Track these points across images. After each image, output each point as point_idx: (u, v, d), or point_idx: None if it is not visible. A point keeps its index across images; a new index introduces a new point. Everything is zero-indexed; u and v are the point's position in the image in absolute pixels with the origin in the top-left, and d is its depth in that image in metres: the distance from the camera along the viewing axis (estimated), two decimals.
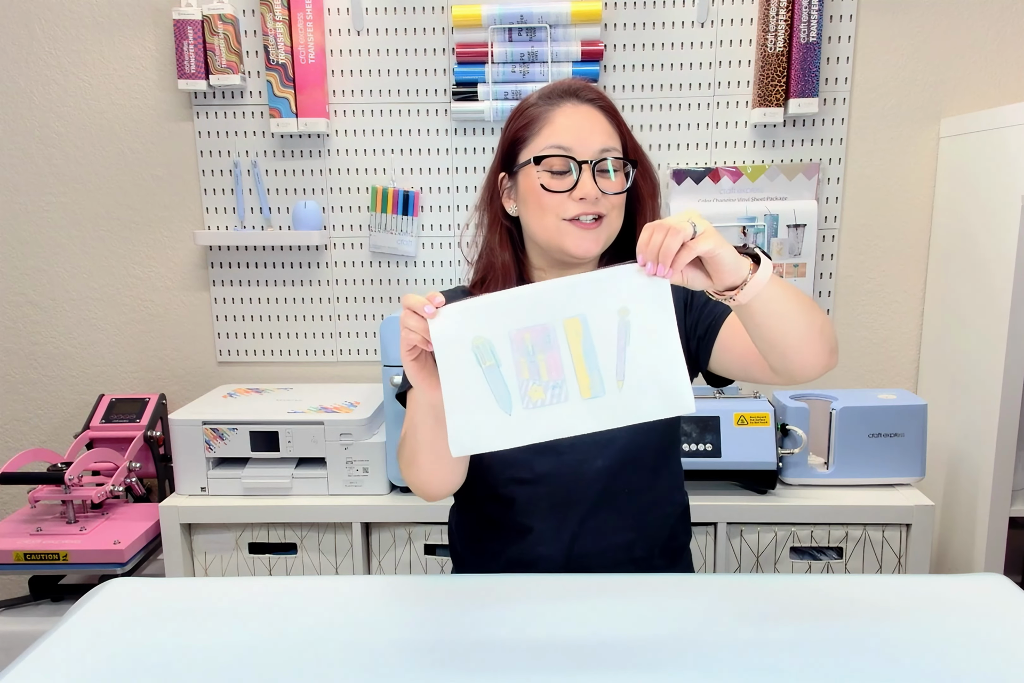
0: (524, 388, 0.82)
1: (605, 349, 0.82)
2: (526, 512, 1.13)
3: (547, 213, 1.06)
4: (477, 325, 0.82)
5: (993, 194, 1.70)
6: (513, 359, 0.82)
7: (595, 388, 0.82)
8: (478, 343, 0.82)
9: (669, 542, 1.19)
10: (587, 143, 1.05)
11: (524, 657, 0.86)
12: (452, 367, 0.83)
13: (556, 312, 0.82)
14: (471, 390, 0.83)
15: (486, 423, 0.83)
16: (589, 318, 0.81)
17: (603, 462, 1.11)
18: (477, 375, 0.83)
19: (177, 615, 0.96)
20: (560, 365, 0.82)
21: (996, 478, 1.70)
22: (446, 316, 0.83)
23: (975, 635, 0.89)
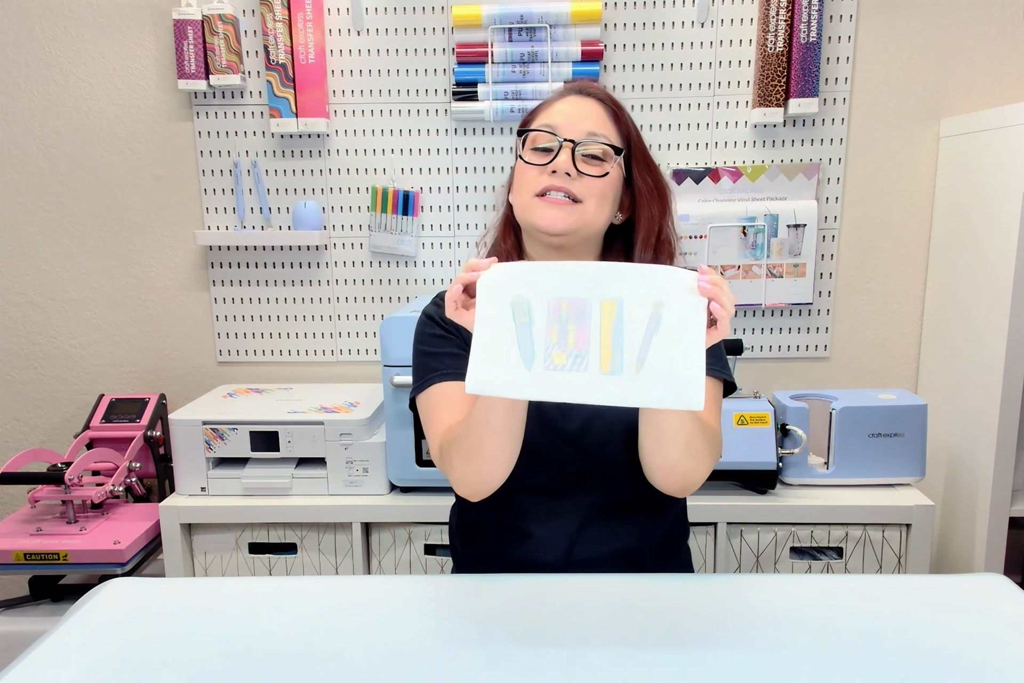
0: (549, 350, 0.87)
1: (633, 333, 0.86)
2: (525, 518, 1.13)
3: (523, 189, 1.07)
4: (522, 284, 0.87)
5: (993, 194, 1.70)
6: (546, 322, 0.87)
7: (614, 365, 0.86)
8: (518, 300, 0.87)
9: (666, 543, 1.19)
10: (575, 125, 1.06)
11: (524, 657, 0.86)
12: (489, 313, 0.88)
13: (597, 291, 0.86)
14: (500, 338, 0.87)
15: (506, 370, 0.87)
16: (626, 302, 0.86)
17: (601, 473, 1.11)
18: (509, 327, 0.87)
19: (177, 615, 0.96)
20: (588, 338, 0.86)
21: (996, 478, 1.70)
22: (497, 269, 0.88)
23: (975, 635, 0.89)
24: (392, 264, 2.04)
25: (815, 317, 2.02)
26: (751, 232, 1.93)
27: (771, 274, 1.96)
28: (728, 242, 1.94)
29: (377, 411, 1.76)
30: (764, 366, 2.05)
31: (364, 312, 2.07)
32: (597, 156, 1.06)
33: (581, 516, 1.12)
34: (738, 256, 1.95)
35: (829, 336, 2.03)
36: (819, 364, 2.06)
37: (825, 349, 2.04)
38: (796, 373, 2.06)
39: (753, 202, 1.94)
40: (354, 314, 2.07)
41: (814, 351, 2.04)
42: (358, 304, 2.07)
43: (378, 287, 2.05)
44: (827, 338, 2.03)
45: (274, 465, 1.72)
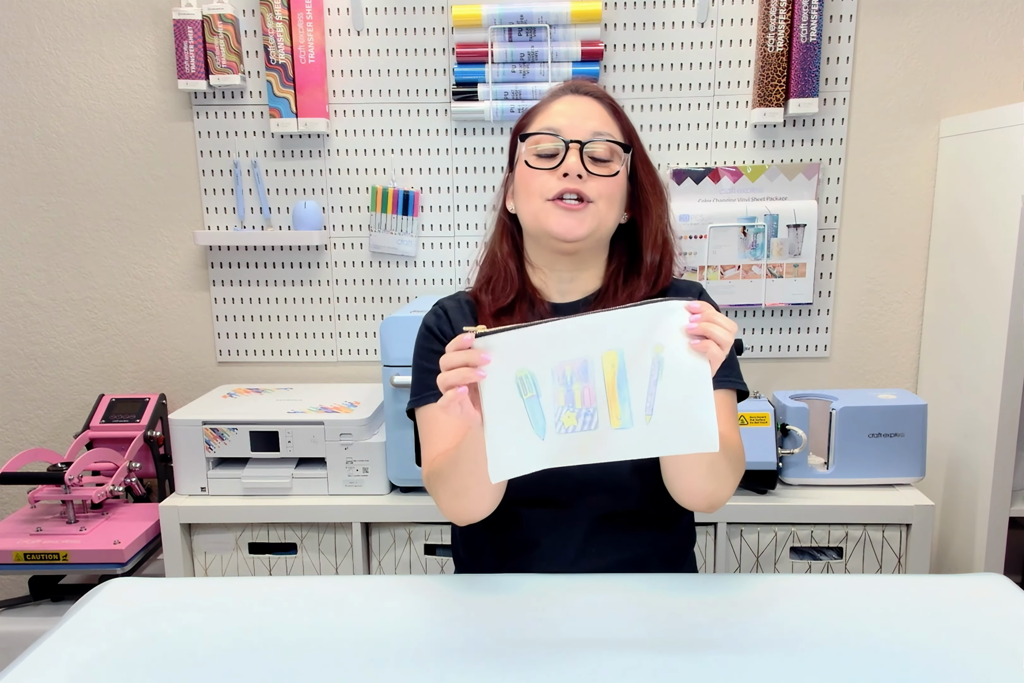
0: (559, 414, 0.85)
1: (637, 383, 0.84)
2: (531, 529, 1.12)
3: (532, 195, 1.04)
4: (523, 358, 0.85)
5: (993, 194, 1.70)
6: (552, 388, 0.85)
7: (624, 419, 0.85)
8: (521, 375, 0.85)
9: (673, 553, 1.18)
10: (579, 126, 1.04)
11: (524, 657, 0.86)
12: (495, 398, 0.85)
13: (596, 345, 0.84)
14: (511, 419, 0.85)
15: (522, 448, 0.86)
16: (626, 352, 0.84)
17: (609, 484, 1.09)
18: (518, 405, 0.85)
19: (177, 615, 0.96)
20: (594, 394, 0.85)
21: (996, 478, 1.70)
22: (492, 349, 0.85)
23: (975, 635, 0.89)
24: (392, 264, 2.04)
25: (815, 317, 2.02)
26: (751, 232, 1.93)
27: (771, 274, 1.96)
28: (728, 242, 1.94)
29: (377, 411, 1.76)
30: (764, 366, 2.05)
31: (364, 312, 2.07)
32: (604, 157, 1.04)
33: (587, 527, 1.11)
34: (738, 256, 1.95)
35: (829, 336, 2.03)
36: (819, 364, 2.06)
37: (825, 349, 2.04)
38: (796, 373, 2.06)
39: (753, 202, 1.94)
40: (354, 314, 2.07)
41: (814, 351, 2.04)
42: (358, 304, 2.07)
43: (378, 287, 2.05)
44: (827, 338, 2.03)
45: (274, 465, 1.72)
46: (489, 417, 0.85)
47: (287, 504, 1.68)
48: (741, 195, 1.95)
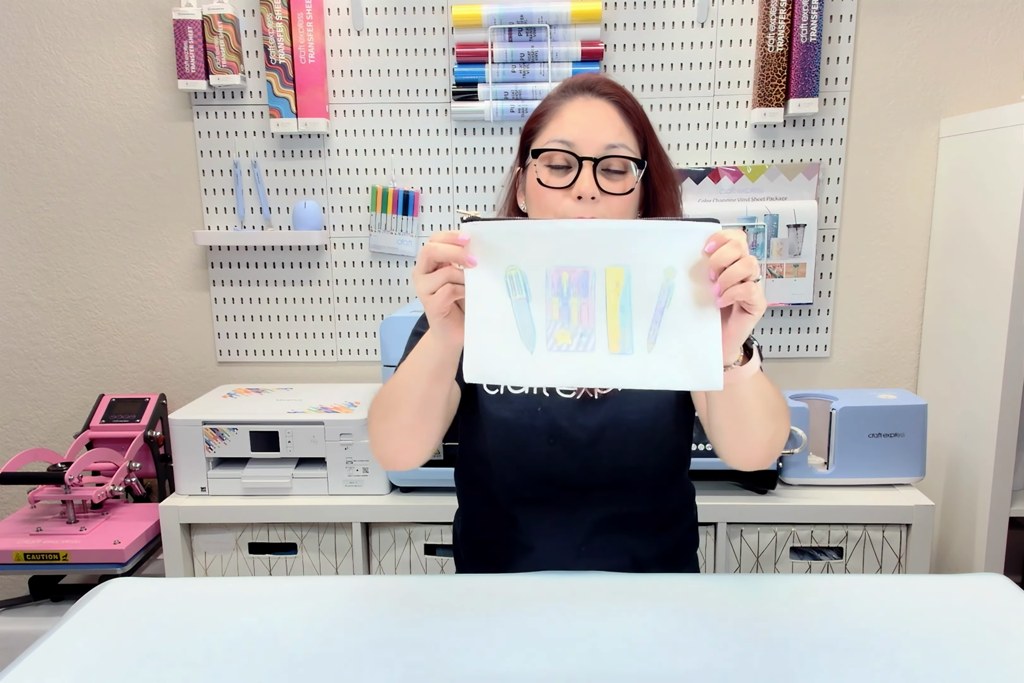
0: (551, 329, 0.79)
1: (642, 307, 0.78)
2: (529, 531, 1.11)
3: (545, 212, 1.01)
4: (515, 253, 0.77)
5: (993, 194, 1.70)
6: (545, 297, 0.78)
7: (624, 345, 0.78)
8: (512, 273, 0.78)
9: (674, 554, 1.18)
10: (592, 139, 0.99)
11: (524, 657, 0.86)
12: (480, 291, 0.78)
13: (601, 257, 0.77)
14: (496, 319, 0.79)
15: (505, 355, 0.79)
16: (633, 271, 0.77)
17: (610, 487, 1.09)
18: (505, 305, 0.78)
19: (177, 615, 0.96)
20: (592, 313, 0.78)
21: (996, 478, 1.70)
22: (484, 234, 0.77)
23: (975, 635, 0.89)
24: (392, 264, 2.04)
25: (815, 317, 2.03)
26: (751, 232, 1.93)
27: (771, 274, 1.96)
28: None
29: None
30: (764, 366, 2.04)
31: (364, 312, 2.07)
32: (618, 169, 1.00)
33: (587, 529, 1.10)
34: None
35: (829, 336, 2.03)
36: (819, 364, 2.06)
37: (825, 349, 2.04)
38: (796, 373, 2.06)
39: (753, 202, 1.94)
40: (354, 314, 2.07)
41: (814, 351, 2.04)
42: (358, 304, 2.07)
43: (378, 287, 2.05)
44: (827, 338, 2.03)
45: (274, 465, 1.72)
46: (471, 312, 0.79)
47: (287, 504, 1.68)
48: (741, 195, 1.95)
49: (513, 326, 0.79)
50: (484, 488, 1.14)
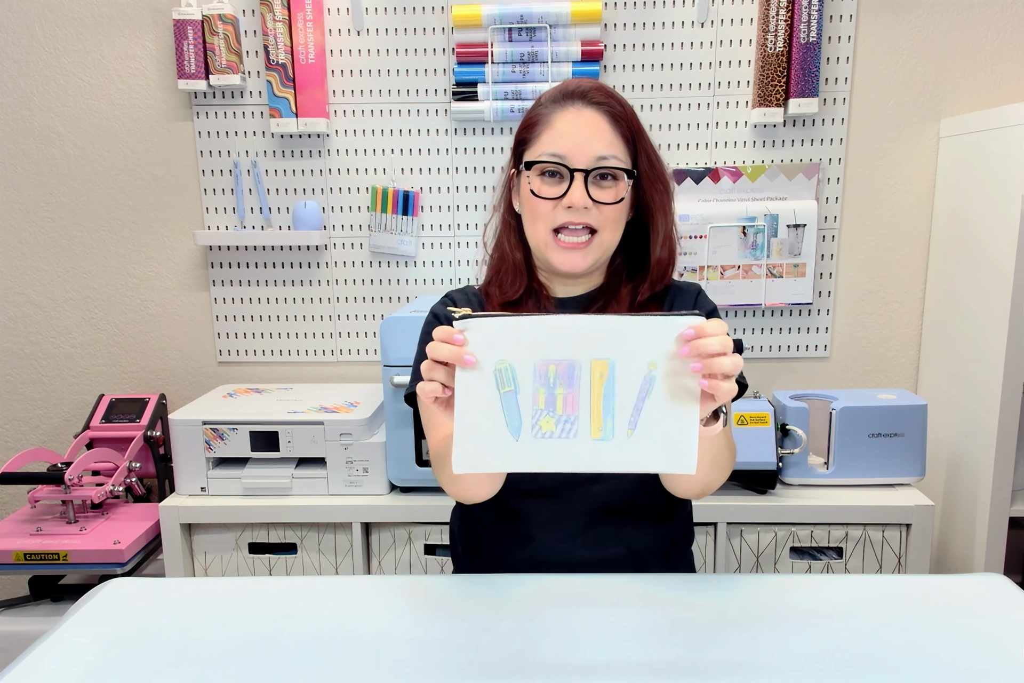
0: (537, 417, 0.82)
1: (624, 396, 0.81)
2: (527, 522, 1.13)
3: (538, 220, 1.05)
4: (505, 348, 0.81)
5: (993, 194, 1.70)
6: (532, 387, 0.82)
7: (605, 431, 0.82)
8: (501, 367, 0.81)
9: (671, 549, 1.19)
10: (583, 151, 1.02)
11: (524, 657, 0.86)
12: (469, 386, 0.82)
13: (587, 350, 0.81)
14: (484, 411, 0.82)
15: (492, 445, 0.83)
16: (618, 363, 0.81)
17: (608, 479, 1.10)
18: (493, 398, 0.82)
19: (177, 615, 0.96)
20: (577, 402, 0.82)
21: (996, 478, 1.70)
22: (475, 331, 0.81)
23: (975, 635, 0.89)
24: (392, 264, 2.04)
25: (815, 317, 2.02)
26: (751, 232, 1.93)
27: (771, 274, 1.96)
28: (728, 242, 1.94)
29: (377, 411, 1.76)
30: (764, 366, 2.05)
31: (364, 312, 2.07)
32: (610, 178, 1.04)
33: (583, 519, 1.12)
34: (738, 256, 1.95)
35: (829, 336, 2.03)
36: (819, 364, 2.06)
37: (825, 349, 2.04)
38: (796, 373, 2.06)
39: (753, 202, 1.94)
40: (354, 314, 2.07)
41: (814, 351, 2.04)
42: (358, 304, 2.07)
43: (378, 287, 2.05)
44: (827, 338, 2.03)
45: (274, 465, 1.72)
46: (460, 406, 0.82)
47: (287, 504, 1.68)
48: (741, 195, 1.95)
49: (500, 417, 0.82)
50: None
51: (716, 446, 0.96)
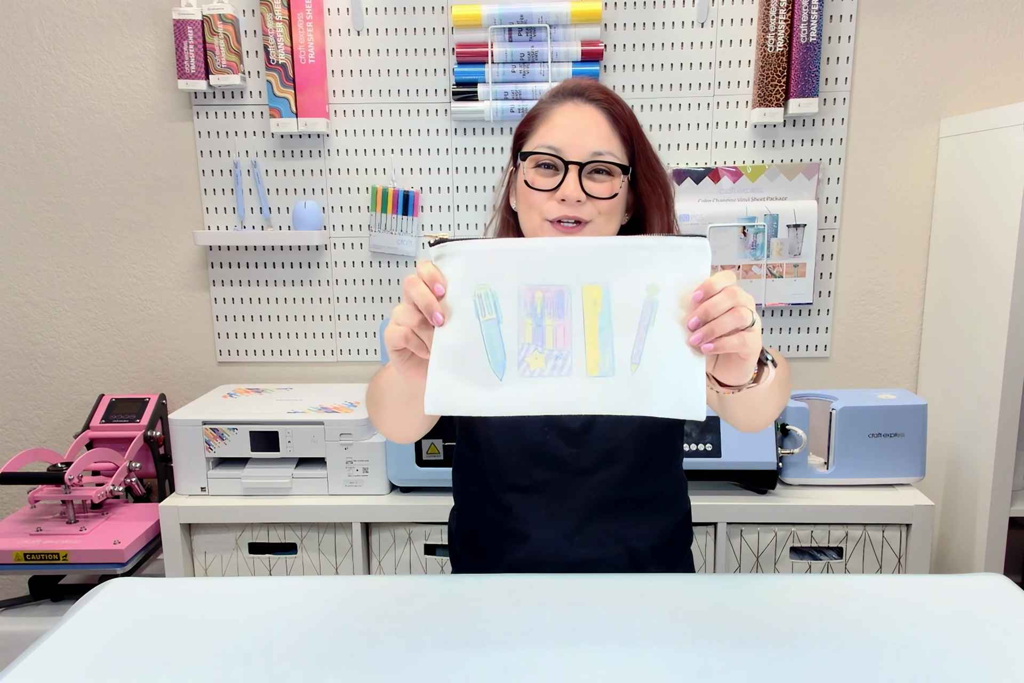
0: (524, 353, 0.73)
1: (624, 326, 0.72)
2: (524, 519, 1.13)
3: (532, 211, 1.05)
4: (485, 272, 0.72)
5: (993, 194, 1.70)
6: (517, 317, 0.72)
7: (604, 367, 0.72)
8: (481, 292, 0.72)
9: (669, 548, 1.19)
10: (579, 144, 1.02)
11: (524, 657, 0.86)
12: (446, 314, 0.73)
13: (577, 275, 0.72)
14: (462, 344, 0.73)
15: (471, 384, 0.73)
16: (612, 288, 0.72)
17: (604, 473, 1.10)
18: (473, 328, 0.72)
19: (177, 615, 0.96)
20: (569, 335, 0.72)
21: (996, 478, 1.70)
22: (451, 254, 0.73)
23: (975, 635, 0.89)
24: (392, 264, 2.04)
25: (815, 317, 2.03)
26: (751, 232, 1.93)
27: (771, 274, 1.96)
28: (728, 242, 1.94)
29: None
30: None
31: (364, 312, 2.07)
32: (604, 170, 1.03)
33: (580, 516, 1.12)
34: (738, 256, 1.95)
35: (829, 336, 2.03)
36: (819, 364, 2.06)
37: (825, 349, 2.04)
38: (796, 373, 2.03)
39: (753, 202, 1.94)
40: (354, 314, 2.07)
41: (814, 351, 2.04)
42: (358, 304, 2.07)
43: (378, 287, 2.05)
44: (827, 338, 2.03)
45: (274, 465, 1.72)
46: (437, 339, 0.73)
47: (287, 504, 1.68)
48: (741, 195, 1.95)
49: (482, 350, 0.73)
50: (480, 477, 1.16)
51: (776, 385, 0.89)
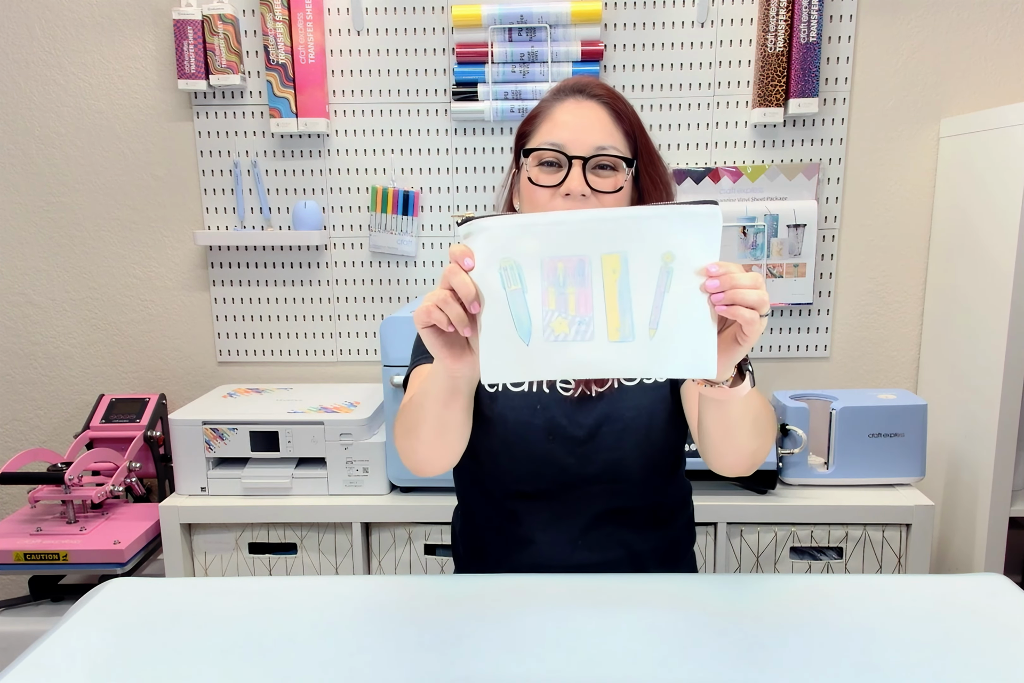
0: (548, 318, 0.77)
1: (642, 292, 0.76)
2: (528, 524, 1.12)
3: (536, 210, 1.03)
4: (509, 246, 0.76)
5: (993, 194, 1.70)
6: (541, 287, 0.77)
7: (624, 332, 0.77)
8: (506, 265, 0.76)
9: (671, 551, 1.19)
10: (582, 140, 1.01)
11: (524, 657, 0.86)
12: (480, 290, 0.78)
13: (595, 245, 0.76)
14: (494, 314, 0.77)
15: (508, 350, 0.78)
16: (630, 256, 0.75)
17: (608, 480, 1.10)
18: (500, 299, 0.77)
19: (177, 615, 0.96)
20: (590, 301, 0.76)
21: (996, 478, 1.70)
22: (478, 231, 0.77)
23: (975, 635, 0.89)
24: (392, 264, 2.04)
25: (815, 317, 2.02)
26: (751, 232, 1.93)
27: (771, 274, 1.96)
28: (728, 242, 1.94)
29: (377, 411, 1.76)
30: (764, 366, 2.05)
31: (364, 312, 2.07)
32: (608, 165, 1.03)
33: (584, 521, 1.11)
34: (738, 256, 1.95)
35: (829, 336, 2.03)
36: (819, 364, 2.06)
37: (825, 349, 2.04)
38: (796, 373, 2.06)
39: (753, 202, 1.94)
40: (354, 314, 2.07)
41: (814, 351, 2.04)
42: (358, 304, 2.07)
43: (378, 287, 2.05)
44: (827, 338, 2.03)
45: (274, 465, 1.72)
46: (482, 315, 0.78)
47: (287, 504, 1.68)
48: (741, 195, 1.95)
49: (509, 319, 0.77)
50: (483, 483, 1.15)
51: (753, 409, 0.92)
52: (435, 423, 0.96)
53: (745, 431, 0.94)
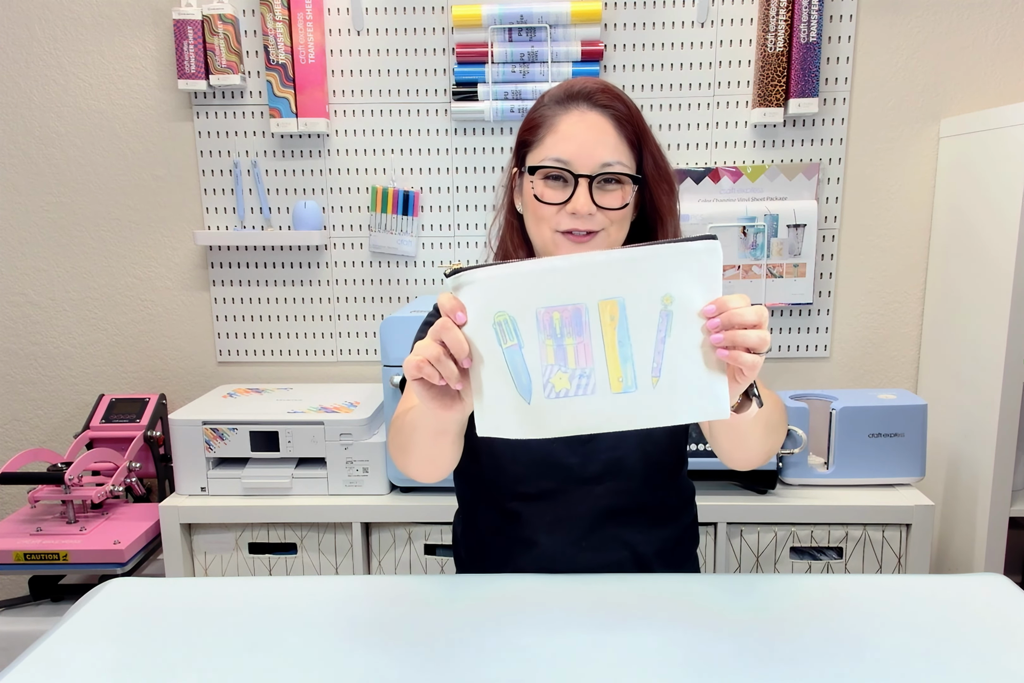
0: (548, 374, 0.74)
1: (642, 339, 0.73)
2: (530, 527, 1.12)
3: (542, 223, 1.04)
4: (501, 298, 0.73)
5: (993, 194, 1.70)
6: (538, 340, 0.74)
7: (627, 382, 0.74)
8: (500, 319, 0.73)
9: (675, 552, 1.19)
10: (588, 156, 1.01)
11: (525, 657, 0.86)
12: (472, 345, 0.75)
13: (591, 291, 0.72)
14: (491, 372, 0.75)
15: (508, 408, 0.75)
16: (628, 301, 0.73)
17: (610, 481, 1.10)
18: (497, 355, 0.74)
19: (177, 615, 0.96)
20: (590, 352, 0.73)
21: (996, 478, 1.70)
22: (467, 283, 0.74)
23: (975, 635, 0.89)
24: (392, 264, 2.04)
25: (815, 317, 2.02)
26: (751, 232, 1.93)
27: (771, 274, 1.96)
28: (728, 242, 1.94)
29: (377, 411, 1.76)
30: (764, 366, 2.03)
31: (364, 312, 2.07)
32: (614, 179, 1.02)
33: (587, 522, 1.11)
34: (738, 256, 1.95)
35: (829, 336, 2.03)
36: (819, 364, 2.06)
37: (825, 349, 2.04)
38: (796, 373, 2.06)
39: (753, 202, 1.94)
40: (354, 314, 2.07)
41: (814, 351, 2.04)
42: (358, 304, 2.07)
43: (378, 287, 2.05)
44: (827, 338, 2.03)
45: (274, 465, 1.72)
46: (472, 370, 0.76)
47: (287, 504, 1.68)
48: (741, 195, 1.95)
49: (507, 376, 0.75)
50: (485, 485, 1.15)
51: (764, 415, 0.91)
52: (425, 452, 0.96)
53: (756, 437, 0.95)
